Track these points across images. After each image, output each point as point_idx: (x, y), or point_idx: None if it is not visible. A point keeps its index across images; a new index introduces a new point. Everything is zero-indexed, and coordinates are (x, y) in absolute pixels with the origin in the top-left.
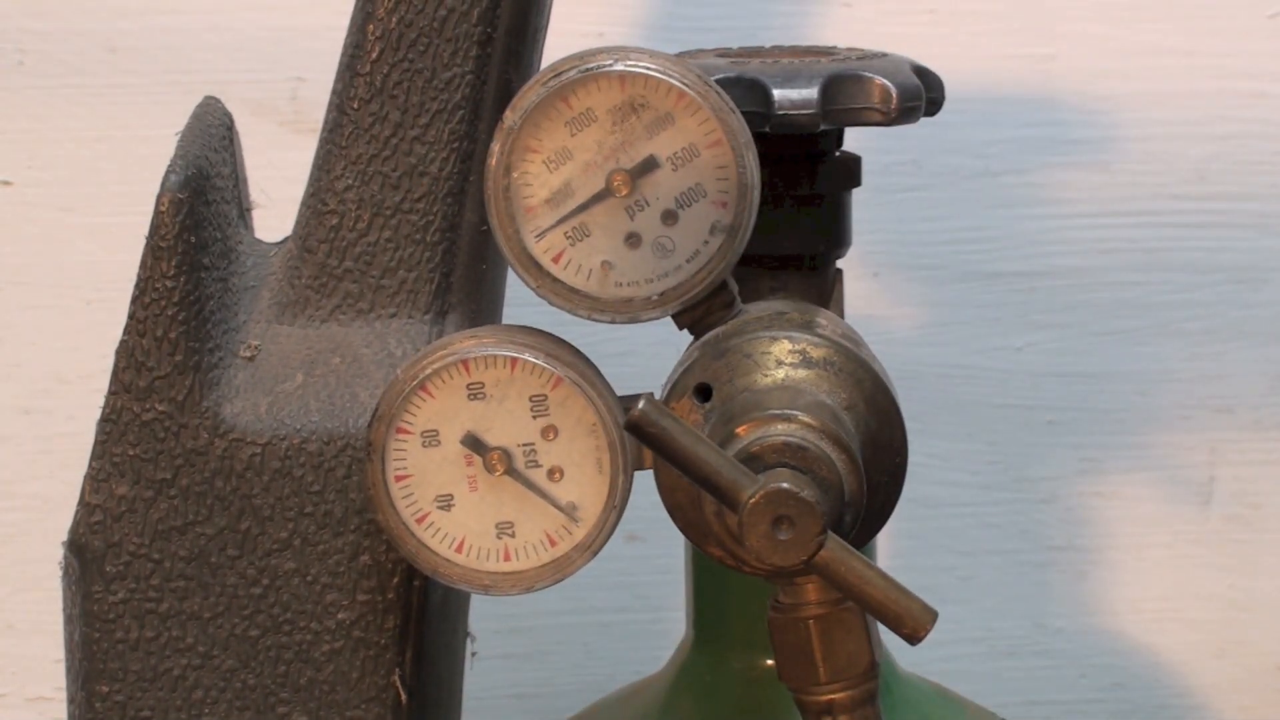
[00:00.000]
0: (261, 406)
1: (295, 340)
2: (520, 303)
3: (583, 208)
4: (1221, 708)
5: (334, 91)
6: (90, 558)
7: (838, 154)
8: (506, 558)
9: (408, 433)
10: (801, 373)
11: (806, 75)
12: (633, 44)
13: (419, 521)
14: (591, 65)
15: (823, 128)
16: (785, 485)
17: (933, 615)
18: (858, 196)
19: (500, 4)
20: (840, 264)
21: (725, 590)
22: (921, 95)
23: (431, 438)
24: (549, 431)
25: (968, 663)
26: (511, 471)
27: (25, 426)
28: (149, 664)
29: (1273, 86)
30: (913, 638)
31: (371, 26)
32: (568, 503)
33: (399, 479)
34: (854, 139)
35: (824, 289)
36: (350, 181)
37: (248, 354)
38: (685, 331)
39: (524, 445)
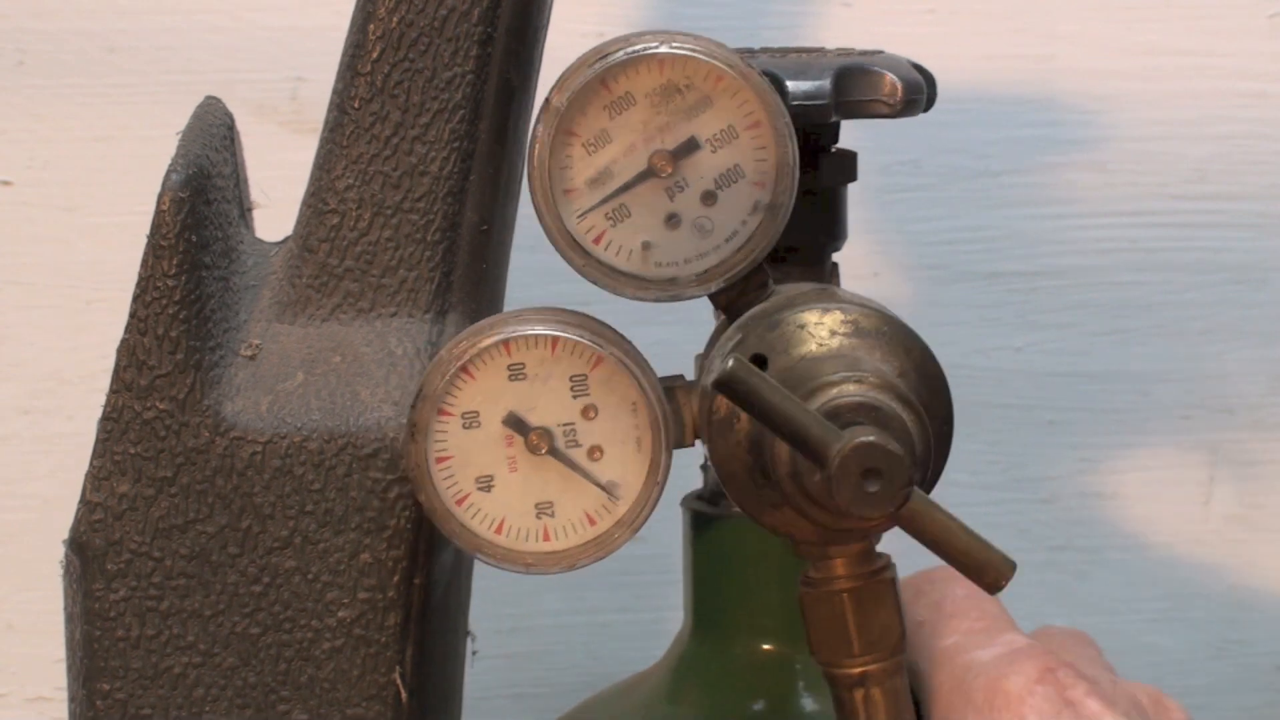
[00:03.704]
0: (262, 405)
1: (296, 339)
2: (520, 302)
3: (625, 188)
4: (1221, 708)
5: (334, 91)
6: (91, 556)
7: (833, 150)
8: (546, 538)
9: (448, 414)
10: (854, 341)
11: (817, 68)
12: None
13: (459, 503)
14: (638, 47)
15: (833, 119)
16: (874, 438)
17: (1012, 566)
18: (858, 196)
19: (501, 4)
20: (840, 264)
21: (724, 577)
22: (923, 89)
23: (472, 419)
24: (589, 411)
25: None
26: (553, 451)
27: (25, 426)
28: (150, 662)
29: (1273, 86)
30: (994, 587)
31: (372, 26)
32: (608, 481)
33: (440, 460)
34: (854, 139)
35: (821, 281)
36: (351, 181)
37: (248, 353)
38: (704, 322)
39: (564, 425)
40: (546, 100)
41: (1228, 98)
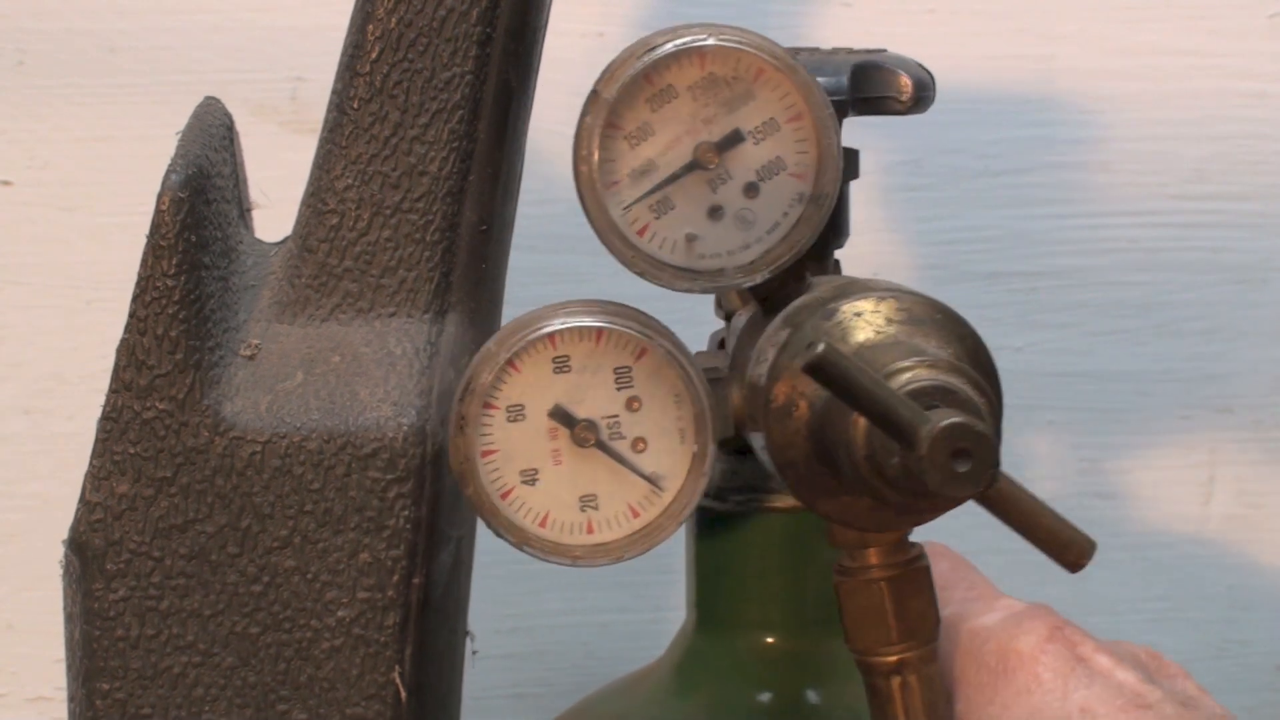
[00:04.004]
0: (262, 405)
1: (295, 339)
2: (520, 303)
3: (670, 180)
4: None
5: (334, 91)
6: (91, 556)
7: None
8: (590, 530)
9: (494, 407)
10: (909, 329)
11: (833, 65)
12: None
13: (504, 496)
14: (687, 39)
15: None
16: (965, 419)
17: (1093, 545)
18: (859, 196)
19: (500, 4)
20: (841, 264)
21: (727, 571)
22: (931, 87)
23: (517, 412)
24: (633, 403)
25: None
26: (599, 443)
27: (25, 426)
28: (149, 662)
29: (1273, 86)
30: (1076, 565)
31: (371, 26)
32: (652, 473)
33: (485, 454)
34: (855, 138)
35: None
36: (350, 181)
37: (248, 352)
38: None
39: (608, 417)
40: (594, 92)
41: (1228, 98)
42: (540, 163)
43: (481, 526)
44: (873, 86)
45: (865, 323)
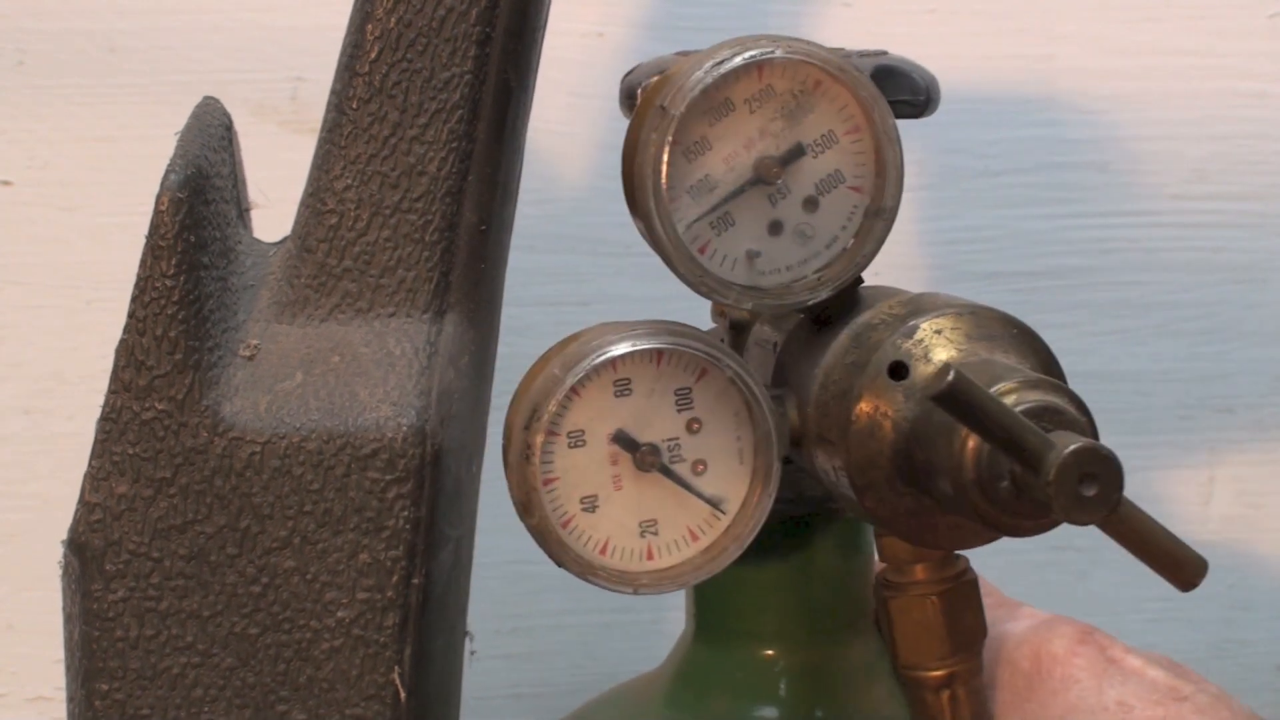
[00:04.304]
0: (261, 405)
1: (294, 339)
2: (519, 302)
3: (733, 195)
4: None
5: (333, 91)
6: (90, 556)
7: None
8: (650, 556)
9: (556, 435)
10: (989, 345)
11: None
12: (638, 41)
13: (564, 525)
14: (754, 53)
15: None
16: (1091, 443)
17: (1205, 564)
18: None
19: (499, 4)
20: None
21: (727, 583)
22: (938, 89)
23: (578, 438)
24: (693, 424)
25: None
26: (662, 468)
27: (25, 426)
28: (148, 662)
29: (1273, 86)
30: (1189, 584)
31: (370, 26)
32: (712, 495)
33: (546, 482)
34: None
35: None
36: (349, 181)
37: (247, 353)
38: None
39: (668, 440)
40: (660, 107)
41: (1228, 98)
42: (540, 163)
43: (481, 527)
44: (891, 89)
45: (946, 340)
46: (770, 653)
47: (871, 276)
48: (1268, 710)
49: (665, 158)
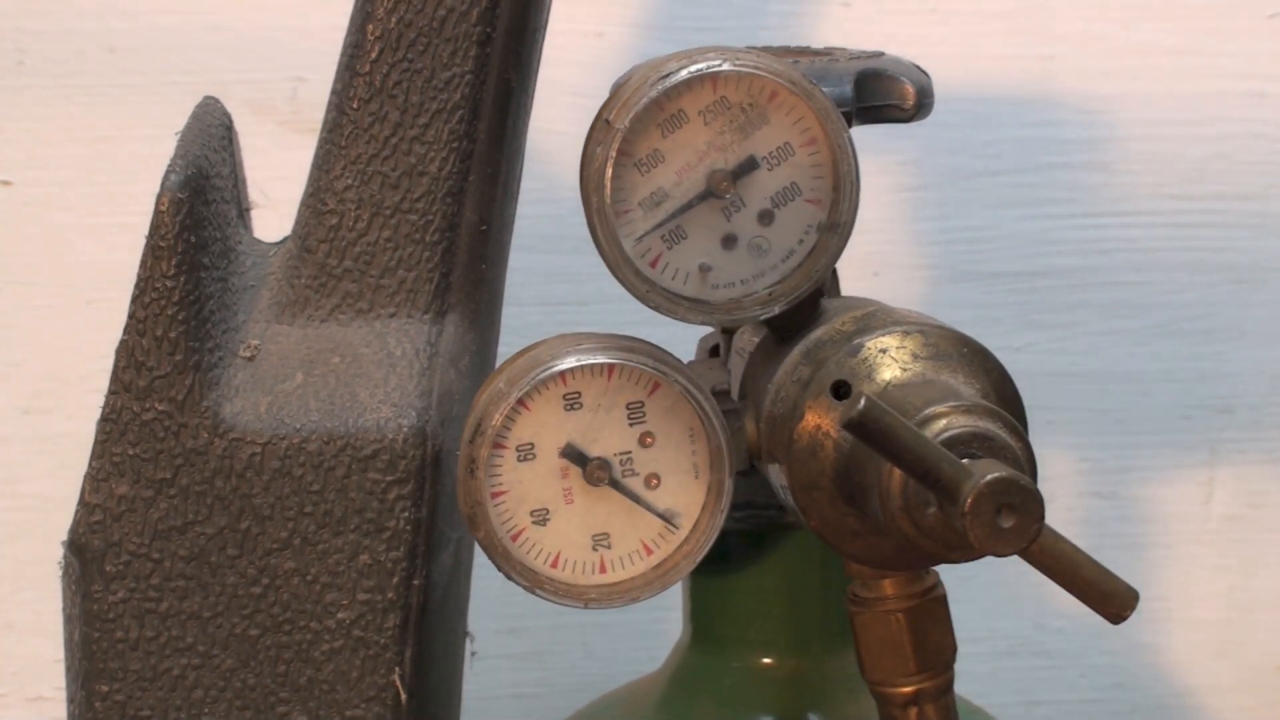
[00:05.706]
0: (261, 406)
1: (295, 340)
2: (519, 302)
3: (684, 209)
4: (1221, 708)
5: (333, 91)
6: (90, 557)
7: None
8: (603, 570)
9: (504, 447)
10: (937, 364)
11: (836, 74)
12: (638, 41)
13: (514, 538)
14: (701, 65)
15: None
16: (1009, 474)
17: (1136, 596)
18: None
19: (499, 4)
20: (841, 265)
21: (722, 589)
22: (931, 93)
23: (527, 451)
24: (646, 438)
25: (968, 663)
26: (613, 482)
27: (25, 426)
28: (149, 663)
29: (1273, 86)
30: (1118, 617)
31: (371, 26)
32: (665, 509)
33: (494, 495)
34: (855, 138)
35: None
36: (350, 181)
37: (247, 354)
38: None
39: (620, 454)
40: (604, 121)
41: (1228, 98)
42: (540, 163)
43: None
44: (876, 95)
45: (891, 359)
46: (764, 660)
47: (871, 276)
48: (1268, 710)
49: (609, 172)
